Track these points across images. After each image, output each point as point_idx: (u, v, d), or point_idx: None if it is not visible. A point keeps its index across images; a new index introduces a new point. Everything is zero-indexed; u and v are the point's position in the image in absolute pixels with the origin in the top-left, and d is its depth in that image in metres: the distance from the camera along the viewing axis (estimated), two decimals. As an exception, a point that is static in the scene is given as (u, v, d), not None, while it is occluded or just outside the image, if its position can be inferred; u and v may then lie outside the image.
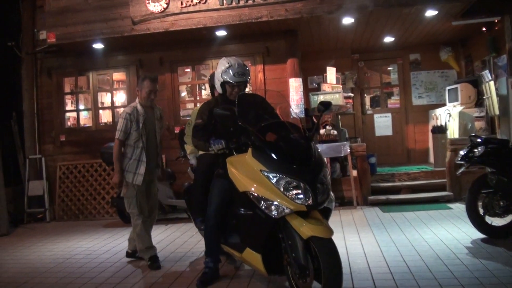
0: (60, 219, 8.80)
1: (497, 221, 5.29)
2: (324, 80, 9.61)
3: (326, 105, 4.09)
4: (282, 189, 3.53)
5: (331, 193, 3.79)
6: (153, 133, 5.22)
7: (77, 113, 9.49)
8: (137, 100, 5.23)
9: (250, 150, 3.86)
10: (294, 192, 3.52)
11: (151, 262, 5.08)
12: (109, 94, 9.65)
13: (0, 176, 7.84)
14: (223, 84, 4.34)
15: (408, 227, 6.13)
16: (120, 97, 9.43)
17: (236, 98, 4.23)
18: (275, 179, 3.57)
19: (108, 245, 6.34)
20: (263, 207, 3.56)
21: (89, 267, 5.30)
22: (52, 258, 5.87)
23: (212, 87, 5.01)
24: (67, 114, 9.40)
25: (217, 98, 4.51)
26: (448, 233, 5.65)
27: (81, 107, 9.64)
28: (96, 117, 9.24)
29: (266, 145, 3.79)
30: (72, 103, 9.59)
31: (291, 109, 4.86)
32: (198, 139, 4.37)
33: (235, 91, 4.33)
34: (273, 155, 3.70)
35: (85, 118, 9.55)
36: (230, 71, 4.23)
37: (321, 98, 8.74)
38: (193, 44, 8.62)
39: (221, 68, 4.29)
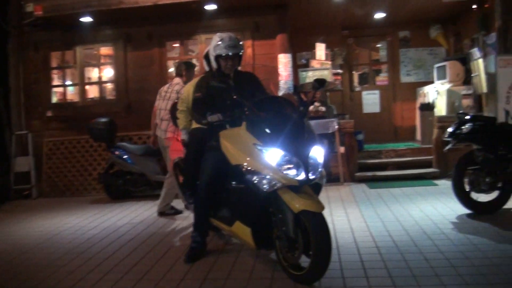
0: (47, 196, 8.74)
1: (482, 197, 5.35)
2: (313, 56, 9.58)
3: (321, 82, 4.11)
4: (274, 164, 3.54)
5: (323, 169, 3.82)
6: None
7: (64, 88, 9.37)
8: (180, 81, 6.20)
9: (244, 123, 3.88)
10: (287, 166, 3.54)
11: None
12: (96, 69, 9.53)
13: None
14: (217, 58, 4.35)
15: (394, 203, 6.20)
16: (107, 72, 9.33)
17: (232, 73, 4.26)
18: (268, 153, 3.59)
19: (96, 221, 6.33)
20: (255, 181, 3.58)
21: (78, 243, 5.30)
22: (40, 234, 5.85)
23: (209, 64, 4.99)
24: (54, 89, 9.27)
25: (213, 72, 4.51)
26: (433, 208, 5.72)
27: (68, 82, 9.51)
28: (83, 92, 9.13)
29: (260, 119, 3.81)
30: (59, 78, 9.46)
31: (279, 85, 4.88)
32: (197, 112, 4.47)
33: (229, 64, 4.36)
34: (266, 129, 3.72)
35: (72, 94, 9.42)
36: (222, 45, 4.26)
37: (310, 74, 8.74)
38: (182, 19, 8.49)
39: (214, 44, 4.33)
